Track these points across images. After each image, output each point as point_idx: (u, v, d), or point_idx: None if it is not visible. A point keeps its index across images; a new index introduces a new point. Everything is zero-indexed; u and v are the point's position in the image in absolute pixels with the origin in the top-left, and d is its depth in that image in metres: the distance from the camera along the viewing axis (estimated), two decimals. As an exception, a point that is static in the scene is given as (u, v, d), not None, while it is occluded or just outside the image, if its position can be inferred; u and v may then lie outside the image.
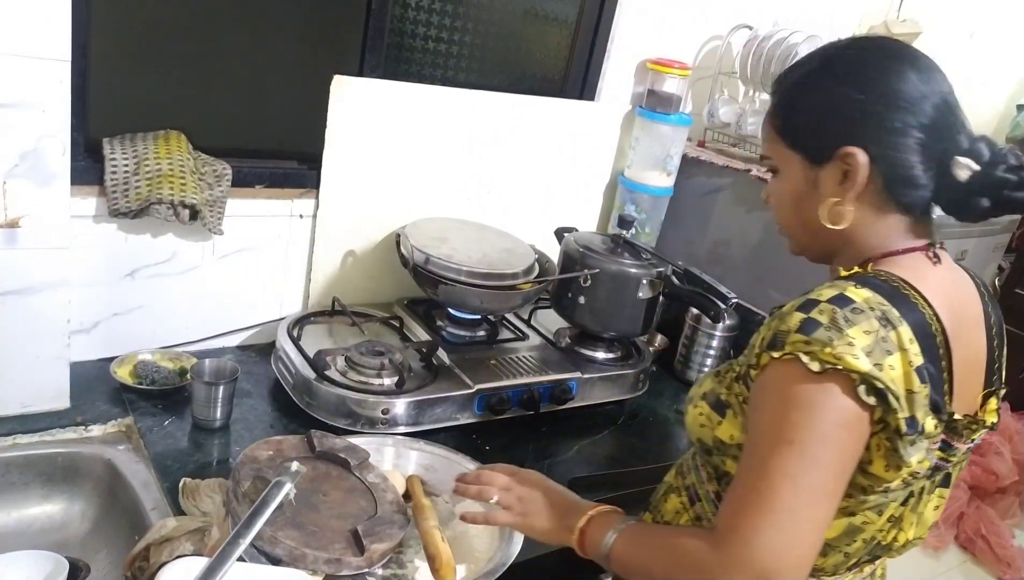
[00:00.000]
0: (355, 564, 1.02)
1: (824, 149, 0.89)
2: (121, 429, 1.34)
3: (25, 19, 1.11)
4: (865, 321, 0.79)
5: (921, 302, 0.83)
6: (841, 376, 0.77)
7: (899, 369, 0.79)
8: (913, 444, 0.81)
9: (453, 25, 1.79)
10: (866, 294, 0.81)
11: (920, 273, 0.87)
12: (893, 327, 0.80)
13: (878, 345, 0.78)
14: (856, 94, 0.87)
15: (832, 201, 0.89)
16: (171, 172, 1.38)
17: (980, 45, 2.88)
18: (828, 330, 0.78)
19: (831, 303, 0.80)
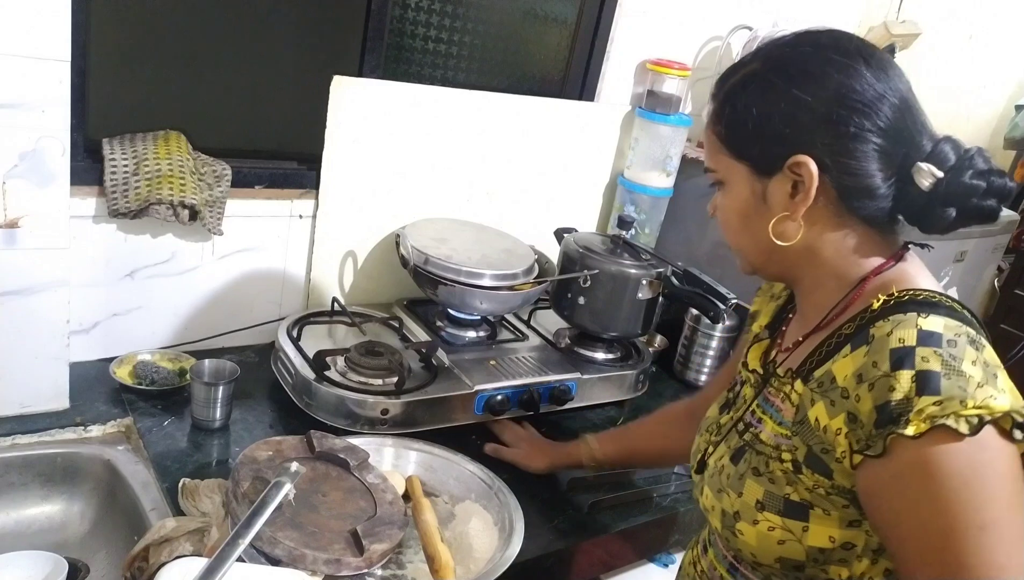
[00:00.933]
0: (354, 564, 1.02)
1: (771, 159, 0.81)
2: (120, 429, 1.34)
3: (24, 19, 1.10)
4: (965, 351, 0.70)
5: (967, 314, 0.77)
6: (993, 427, 0.68)
7: (1009, 386, 0.70)
8: None
9: (453, 26, 1.79)
10: (942, 321, 0.72)
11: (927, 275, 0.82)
12: (983, 347, 0.72)
13: (986, 371, 0.70)
14: (804, 96, 0.78)
15: (781, 215, 0.81)
16: (171, 172, 1.38)
17: (979, 46, 2.88)
18: (950, 378, 0.68)
19: (925, 345, 0.70)
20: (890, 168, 0.78)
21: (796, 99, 0.78)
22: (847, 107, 0.77)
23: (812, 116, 0.78)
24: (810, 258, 0.84)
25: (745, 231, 0.87)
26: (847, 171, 0.78)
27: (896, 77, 0.80)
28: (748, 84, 0.83)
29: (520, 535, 1.17)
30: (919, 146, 0.79)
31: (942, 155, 0.78)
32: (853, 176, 0.78)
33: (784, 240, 0.82)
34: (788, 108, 0.79)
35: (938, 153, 0.78)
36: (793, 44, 0.83)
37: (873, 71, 0.78)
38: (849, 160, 0.78)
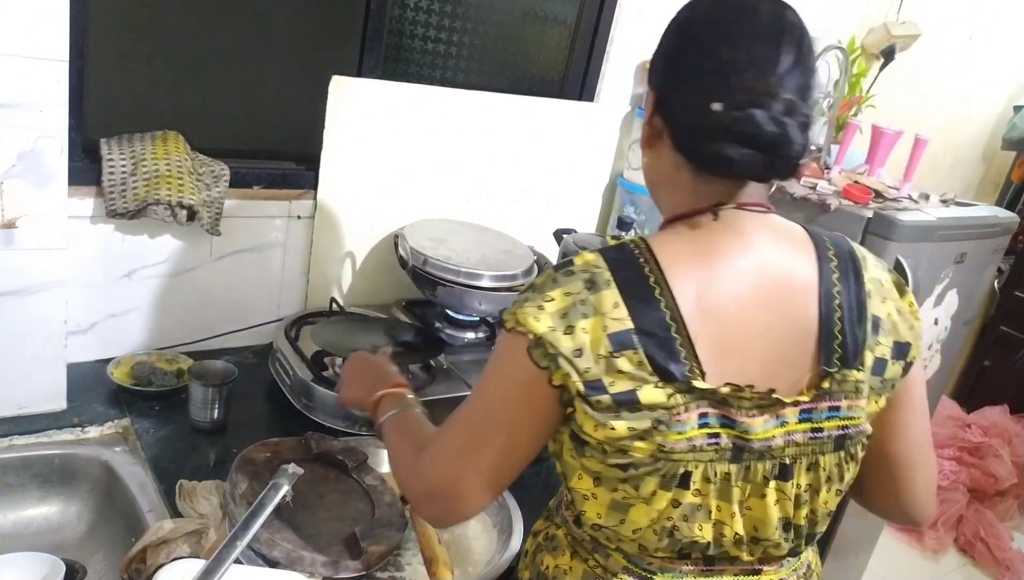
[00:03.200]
0: (353, 567, 1.01)
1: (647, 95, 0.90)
2: (118, 431, 1.34)
3: (23, 19, 1.10)
4: (571, 284, 0.79)
5: (653, 269, 0.80)
6: (519, 337, 0.79)
7: (591, 333, 0.77)
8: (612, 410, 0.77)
9: (452, 26, 1.79)
10: (589, 258, 0.81)
11: (692, 239, 0.83)
12: (598, 290, 0.78)
13: (575, 308, 0.78)
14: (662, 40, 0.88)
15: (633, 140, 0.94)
16: (169, 173, 1.38)
17: (978, 47, 2.88)
18: (532, 292, 0.81)
19: (555, 268, 0.83)
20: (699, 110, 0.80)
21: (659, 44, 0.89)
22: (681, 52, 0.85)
23: (658, 58, 0.88)
24: (656, 193, 0.93)
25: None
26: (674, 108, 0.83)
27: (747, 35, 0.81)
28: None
29: (519, 537, 1.17)
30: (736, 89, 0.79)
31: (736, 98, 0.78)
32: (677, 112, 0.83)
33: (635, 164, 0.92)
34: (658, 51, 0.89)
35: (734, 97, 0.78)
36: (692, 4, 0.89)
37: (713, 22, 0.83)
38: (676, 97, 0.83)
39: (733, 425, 0.80)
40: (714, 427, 0.80)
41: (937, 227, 1.80)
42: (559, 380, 0.78)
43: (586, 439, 0.81)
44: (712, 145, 0.79)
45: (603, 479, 0.83)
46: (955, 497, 3.10)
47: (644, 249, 0.82)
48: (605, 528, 0.85)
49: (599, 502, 0.84)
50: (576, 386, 0.77)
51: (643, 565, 0.87)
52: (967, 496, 3.12)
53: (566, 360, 0.77)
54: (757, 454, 0.81)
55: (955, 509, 3.08)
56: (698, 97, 0.80)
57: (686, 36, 0.85)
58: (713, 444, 0.80)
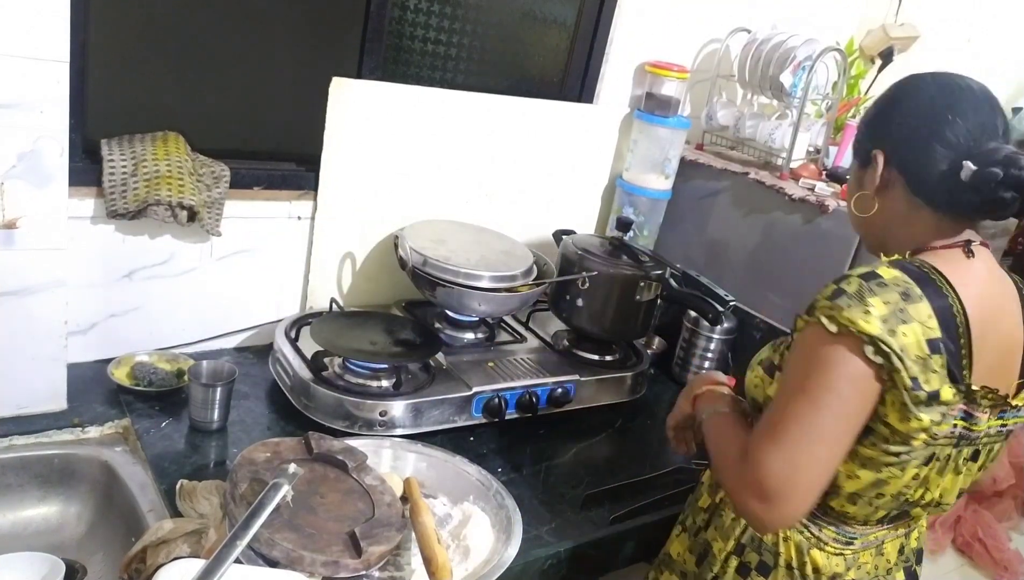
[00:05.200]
0: (352, 566, 1.02)
1: (865, 154, 1.06)
2: (118, 431, 1.34)
3: (23, 19, 1.10)
4: (887, 293, 0.91)
5: (946, 287, 0.94)
6: (852, 338, 0.90)
7: (912, 337, 0.90)
8: (925, 404, 0.92)
9: (452, 27, 1.79)
10: (895, 273, 0.94)
11: (953, 264, 0.98)
12: (913, 302, 0.91)
13: (895, 314, 0.90)
14: (893, 112, 1.04)
15: (861, 193, 1.06)
16: (169, 173, 1.38)
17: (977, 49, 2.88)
18: (850, 298, 0.91)
19: (861, 278, 0.93)
20: (946, 165, 0.98)
21: (888, 113, 1.05)
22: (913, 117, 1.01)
23: (887, 122, 1.04)
24: (889, 233, 1.06)
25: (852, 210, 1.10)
26: (908, 163, 1.01)
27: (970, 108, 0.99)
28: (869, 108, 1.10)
29: (518, 537, 1.17)
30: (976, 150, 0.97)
31: (984, 154, 0.95)
32: (913, 167, 1.00)
33: (861, 212, 1.06)
34: (877, 118, 1.07)
35: (983, 152, 0.96)
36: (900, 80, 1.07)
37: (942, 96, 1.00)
38: (909, 154, 1.01)
39: (968, 418, 0.98)
40: (960, 420, 0.97)
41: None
42: (887, 376, 0.91)
43: (874, 427, 0.96)
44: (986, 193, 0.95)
45: (871, 463, 0.98)
46: (953, 498, 3.10)
47: (934, 271, 0.96)
48: (861, 497, 1.02)
49: (861, 480, 1.00)
50: (905, 380, 0.90)
51: (847, 534, 1.08)
52: (965, 497, 3.13)
53: (897, 357, 0.90)
54: (968, 441, 1.01)
55: (953, 509, 3.09)
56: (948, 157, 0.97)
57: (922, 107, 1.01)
58: (952, 433, 0.98)
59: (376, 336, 1.52)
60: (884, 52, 2.44)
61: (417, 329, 1.60)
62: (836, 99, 2.07)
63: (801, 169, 1.92)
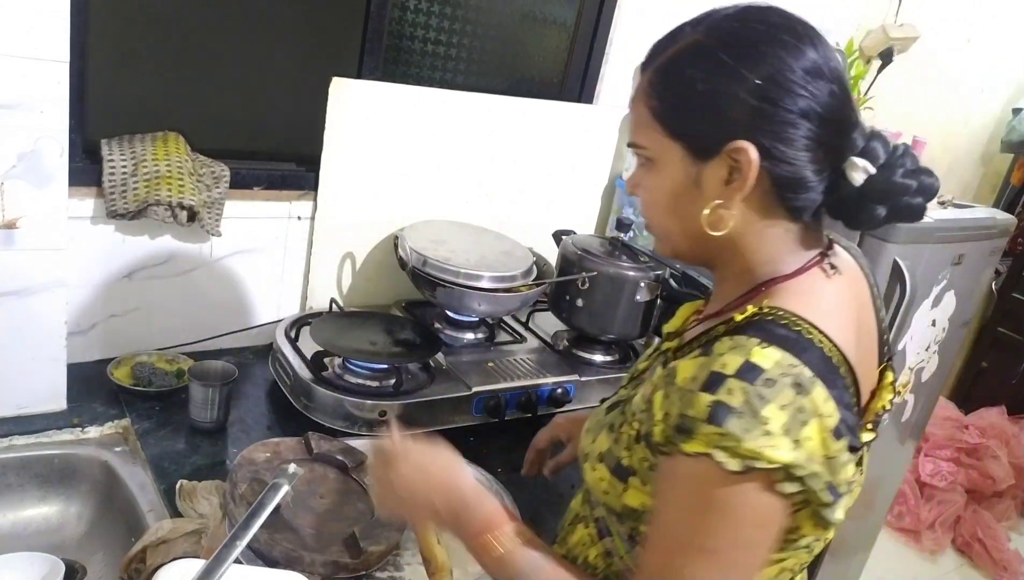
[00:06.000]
0: (352, 567, 1.02)
1: (710, 141, 0.75)
2: (118, 431, 1.34)
3: (24, 20, 1.10)
4: (779, 394, 0.69)
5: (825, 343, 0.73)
6: (761, 474, 0.69)
7: (816, 438, 0.69)
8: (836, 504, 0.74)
9: (452, 28, 1.79)
10: (776, 357, 0.70)
11: (817, 297, 0.78)
12: (807, 393, 0.69)
13: (794, 418, 0.68)
14: (751, 76, 0.73)
15: (715, 204, 0.77)
16: (169, 174, 1.38)
17: (977, 49, 2.89)
18: (741, 418, 0.68)
19: (740, 378, 0.69)
20: (824, 161, 0.76)
21: (742, 79, 0.73)
22: (792, 93, 0.73)
23: (756, 99, 0.73)
24: (732, 248, 0.81)
25: (673, 215, 0.81)
26: (784, 160, 0.74)
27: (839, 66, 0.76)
28: (691, 57, 0.77)
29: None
30: (852, 140, 0.77)
31: (875, 152, 0.76)
32: (789, 165, 0.74)
33: (715, 229, 0.78)
34: (733, 88, 0.73)
35: (871, 149, 0.76)
36: (742, 19, 0.77)
37: (820, 57, 0.74)
38: (787, 148, 0.74)
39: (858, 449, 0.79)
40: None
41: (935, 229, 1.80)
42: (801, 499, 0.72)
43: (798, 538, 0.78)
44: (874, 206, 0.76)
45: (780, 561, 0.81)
46: (953, 498, 3.11)
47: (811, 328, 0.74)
48: None
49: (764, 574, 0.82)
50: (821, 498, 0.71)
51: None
52: (965, 497, 3.13)
53: (812, 476, 0.70)
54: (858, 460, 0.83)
55: (953, 510, 3.09)
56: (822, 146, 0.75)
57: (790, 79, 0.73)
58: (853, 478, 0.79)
59: (376, 336, 1.52)
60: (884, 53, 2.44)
61: (417, 329, 1.60)
62: (836, 99, 2.07)
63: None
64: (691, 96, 0.76)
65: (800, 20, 0.77)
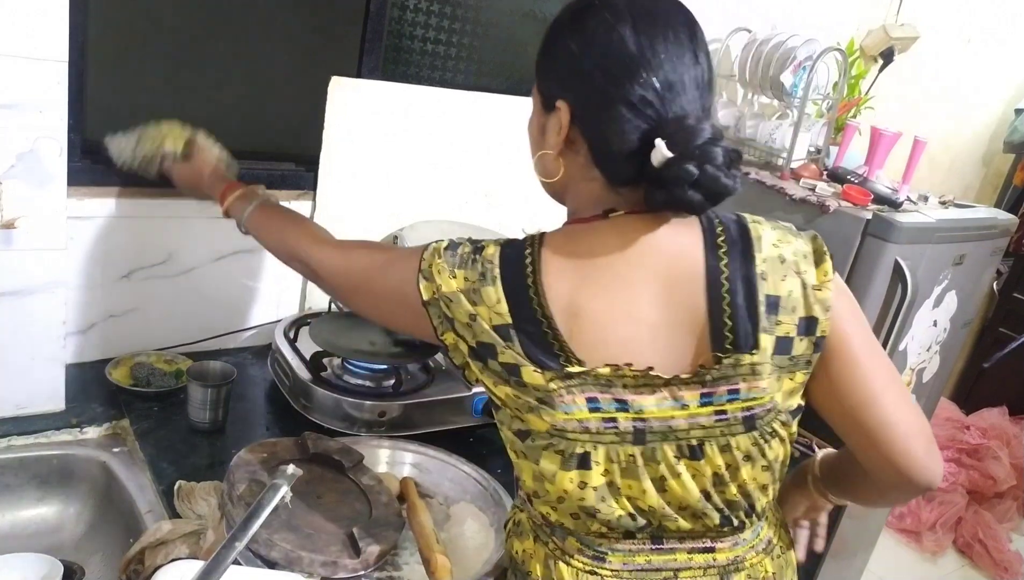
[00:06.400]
0: (351, 566, 1.01)
1: (549, 97, 0.87)
2: (116, 431, 1.34)
3: (23, 19, 1.10)
4: (471, 269, 0.86)
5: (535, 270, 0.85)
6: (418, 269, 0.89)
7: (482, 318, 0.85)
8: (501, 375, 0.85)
9: (451, 27, 1.79)
10: (491, 251, 0.87)
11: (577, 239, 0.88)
12: (486, 284, 0.85)
13: (470, 291, 0.85)
14: (574, 47, 0.84)
15: (542, 152, 0.90)
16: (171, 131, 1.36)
17: (977, 49, 2.88)
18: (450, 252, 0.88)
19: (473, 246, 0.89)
20: (636, 139, 0.81)
21: (568, 48, 0.84)
22: (605, 70, 0.81)
23: (576, 68, 0.84)
24: (563, 193, 0.93)
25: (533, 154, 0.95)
26: (597, 131, 0.83)
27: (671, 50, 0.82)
28: (552, 26, 0.89)
29: (517, 538, 1.16)
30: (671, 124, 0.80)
31: (678, 136, 0.79)
32: (602, 137, 0.83)
33: (546, 176, 0.91)
34: (564, 55, 0.85)
35: (676, 134, 0.79)
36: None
37: (642, 39, 0.81)
38: (600, 121, 0.83)
39: (627, 407, 0.84)
40: (609, 411, 0.84)
41: (936, 229, 1.80)
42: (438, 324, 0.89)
43: (494, 400, 0.90)
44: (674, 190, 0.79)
45: (515, 449, 0.90)
46: (954, 499, 3.10)
47: (536, 249, 0.87)
48: (538, 497, 0.90)
49: (524, 471, 0.91)
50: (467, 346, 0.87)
51: (594, 547, 0.91)
52: (966, 498, 3.13)
53: (460, 324, 0.87)
54: (660, 435, 0.85)
55: (954, 511, 3.08)
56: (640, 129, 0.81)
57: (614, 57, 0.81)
58: (611, 427, 0.84)
59: (375, 336, 1.52)
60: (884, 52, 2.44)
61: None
62: (837, 99, 2.07)
63: (802, 169, 1.92)
64: (543, 56, 0.90)
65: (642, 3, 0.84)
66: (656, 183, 0.80)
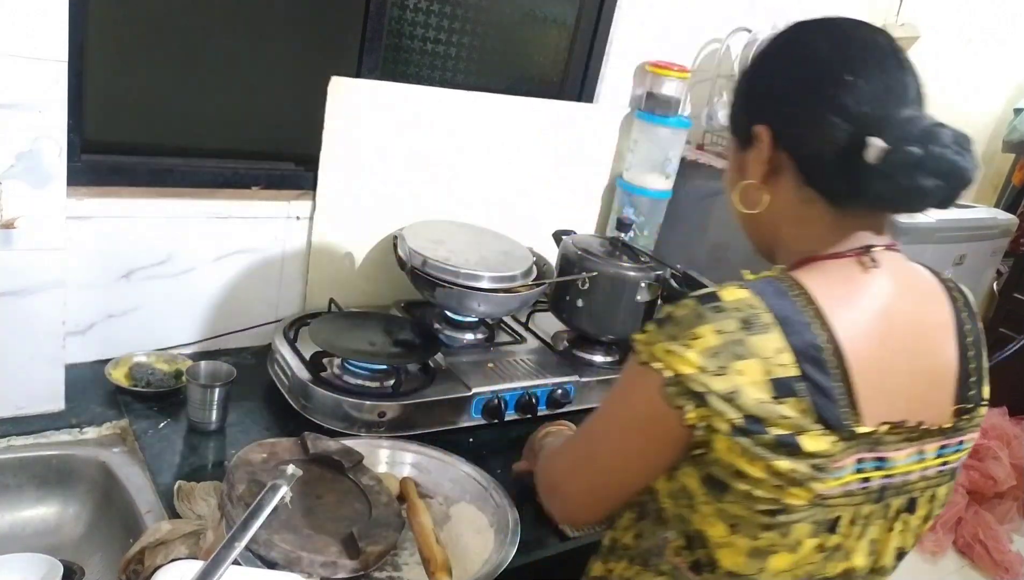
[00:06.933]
0: (351, 567, 1.01)
1: (744, 131, 0.85)
2: (116, 431, 1.34)
3: (22, 19, 1.10)
4: (721, 321, 0.74)
5: (810, 313, 0.76)
6: (652, 372, 0.76)
7: (750, 375, 0.73)
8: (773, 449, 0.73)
9: (451, 27, 1.79)
10: (741, 295, 0.76)
11: (839, 281, 0.80)
12: (756, 333, 0.74)
13: (727, 347, 0.73)
14: (770, 71, 0.85)
15: (744, 183, 0.85)
16: None
17: (977, 49, 2.88)
18: (674, 326, 0.77)
19: (694, 299, 0.77)
20: (848, 145, 0.78)
21: (763, 75, 0.86)
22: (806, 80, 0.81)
23: (774, 88, 0.84)
24: (778, 234, 0.87)
25: (730, 192, 0.90)
26: (803, 143, 0.81)
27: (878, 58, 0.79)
28: (744, 71, 0.90)
29: (516, 537, 1.17)
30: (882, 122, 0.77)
31: (892, 129, 0.75)
32: (809, 148, 0.81)
33: (749, 208, 0.86)
34: (759, 82, 0.86)
35: (890, 128, 0.75)
36: (780, 32, 0.86)
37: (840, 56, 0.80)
38: (804, 132, 0.80)
39: (883, 465, 0.79)
40: (867, 471, 0.79)
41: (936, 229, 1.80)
42: (697, 420, 0.75)
43: (728, 482, 0.77)
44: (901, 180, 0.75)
45: (743, 525, 0.78)
46: (954, 499, 3.10)
47: (798, 287, 0.78)
48: (743, 576, 0.80)
49: (738, 549, 0.79)
50: (729, 424, 0.73)
51: None
52: (966, 498, 3.12)
53: (718, 399, 0.73)
54: (894, 491, 0.82)
55: (954, 511, 3.08)
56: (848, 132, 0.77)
57: (811, 68, 0.80)
58: (863, 488, 0.79)
59: (375, 337, 1.51)
60: (885, 52, 2.43)
61: (416, 330, 1.60)
62: (836, 99, 2.07)
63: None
64: (734, 100, 0.90)
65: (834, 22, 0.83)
66: (878, 177, 0.75)
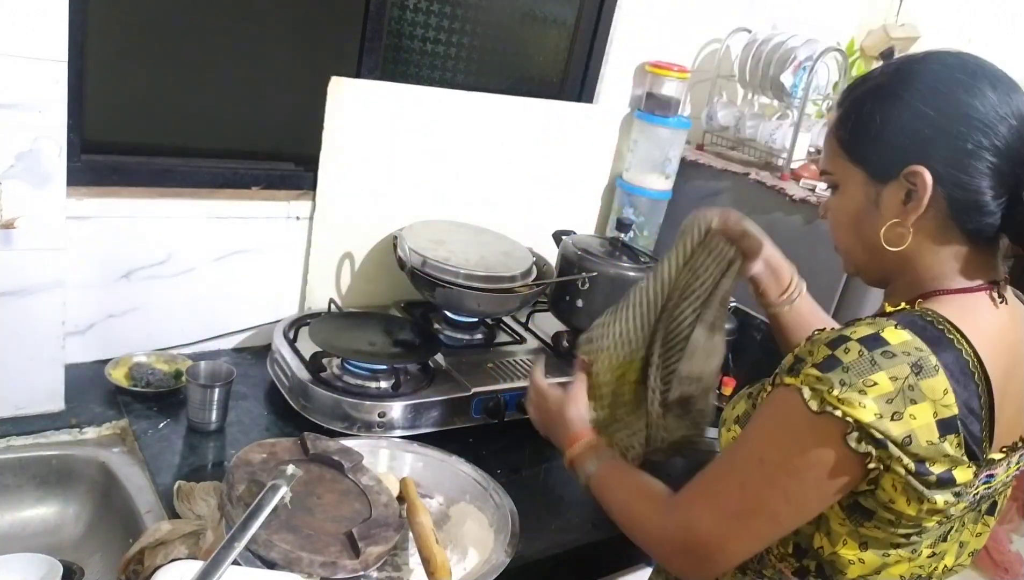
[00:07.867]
0: (350, 567, 1.01)
1: (888, 166, 0.85)
2: (116, 431, 1.34)
3: (21, 19, 1.10)
4: (895, 367, 0.76)
5: (965, 347, 0.79)
6: (835, 422, 0.76)
7: (921, 419, 0.76)
8: (936, 486, 0.78)
9: (451, 27, 1.79)
10: (905, 337, 0.78)
11: (975, 314, 0.83)
12: (927, 376, 0.76)
13: (902, 393, 0.75)
14: (927, 110, 0.82)
15: (892, 222, 0.85)
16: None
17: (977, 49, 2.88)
18: (845, 372, 0.76)
19: (861, 343, 0.78)
20: (1002, 187, 0.81)
21: (919, 112, 0.83)
22: (967, 125, 0.81)
23: (933, 130, 0.82)
24: (906, 264, 0.88)
25: (854, 233, 0.91)
26: (960, 185, 0.81)
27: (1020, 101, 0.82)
28: (875, 94, 0.87)
29: (516, 537, 1.17)
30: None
31: None
32: (964, 190, 0.82)
33: (893, 245, 0.86)
34: (910, 119, 0.83)
35: None
36: (922, 61, 0.86)
37: (997, 93, 0.82)
38: (962, 175, 0.81)
39: (992, 479, 0.85)
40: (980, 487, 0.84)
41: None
42: (877, 463, 0.77)
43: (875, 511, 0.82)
44: None
45: (875, 545, 0.84)
46: (954, 499, 3.10)
47: (947, 325, 0.81)
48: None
49: (866, 565, 0.86)
50: (904, 468, 0.76)
51: None
52: (966, 498, 3.12)
53: (896, 446, 0.76)
54: (988, 497, 0.90)
55: (954, 511, 3.08)
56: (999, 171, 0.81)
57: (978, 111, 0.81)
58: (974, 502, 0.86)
59: (375, 337, 1.51)
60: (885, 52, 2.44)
61: (416, 330, 1.60)
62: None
63: (802, 170, 1.92)
64: (871, 127, 0.86)
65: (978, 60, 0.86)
66: None
